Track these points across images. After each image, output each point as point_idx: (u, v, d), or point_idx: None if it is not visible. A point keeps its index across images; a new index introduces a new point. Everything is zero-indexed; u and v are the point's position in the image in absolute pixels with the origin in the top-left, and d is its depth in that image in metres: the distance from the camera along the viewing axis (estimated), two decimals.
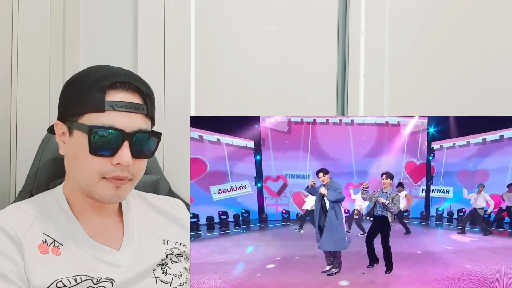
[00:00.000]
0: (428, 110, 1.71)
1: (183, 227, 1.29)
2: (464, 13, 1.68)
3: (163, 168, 1.60)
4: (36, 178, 1.32)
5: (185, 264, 1.23)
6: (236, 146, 3.39)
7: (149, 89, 1.14)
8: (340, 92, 1.71)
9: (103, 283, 1.07)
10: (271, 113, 1.74)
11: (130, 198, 1.25)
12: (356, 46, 1.68)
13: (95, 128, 1.05)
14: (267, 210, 3.55)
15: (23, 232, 1.05)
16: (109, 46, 1.67)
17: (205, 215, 3.22)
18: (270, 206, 3.56)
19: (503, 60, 1.68)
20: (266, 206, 3.54)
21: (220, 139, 3.31)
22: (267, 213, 3.53)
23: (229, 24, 1.69)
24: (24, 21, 1.52)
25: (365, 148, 3.53)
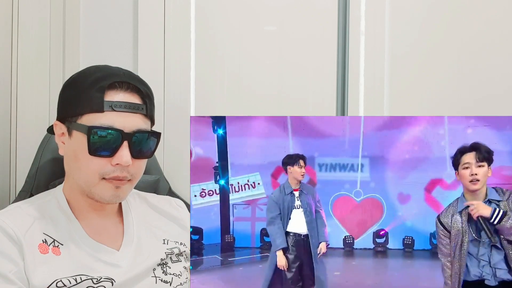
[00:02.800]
0: (429, 110, 1.71)
1: (183, 227, 1.29)
2: (464, 13, 1.68)
3: (163, 168, 1.60)
4: (36, 178, 1.32)
5: (185, 263, 1.24)
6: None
7: (148, 89, 1.14)
8: (340, 92, 1.71)
9: (103, 283, 1.07)
10: (271, 113, 1.74)
11: (130, 198, 1.25)
12: (356, 46, 1.68)
13: (94, 129, 1.05)
14: (235, 229, 2.20)
15: (23, 232, 1.05)
16: (109, 46, 1.67)
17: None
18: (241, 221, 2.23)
19: (503, 60, 1.67)
20: (232, 222, 2.20)
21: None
22: (233, 235, 2.18)
23: (229, 24, 1.69)
24: (24, 21, 1.53)
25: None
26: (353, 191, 2.41)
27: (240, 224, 2.23)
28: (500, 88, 1.68)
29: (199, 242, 2.03)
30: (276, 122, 2.04)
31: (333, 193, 2.31)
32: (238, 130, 2.18)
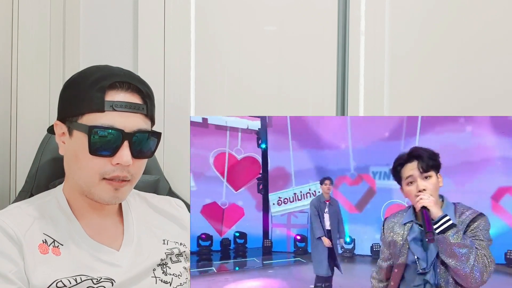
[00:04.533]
0: (428, 110, 1.71)
1: (183, 227, 1.29)
2: (464, 13, 1.68)
3: (163, 168, 1.60)
4: (36, 178, 1.32)
5: (185, 264, 1.23)
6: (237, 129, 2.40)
7: (148, 89, 1.14)
8: (340, 92, 1.71)
9: (103, 283, 1.07)
10: (271, 113, 1.74)
11: (130, 198, 1.25)
12: (356, 46, 1.68)
13: (95, 128, 1.05)
14: (273, 234, 2.38)
15: (23, 232, 1.05)
16: (109, 46, 1.67)
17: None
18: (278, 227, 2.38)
19: (503, 60, 1.67)
20: (271, 228, 2.39)
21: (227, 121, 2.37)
22: (271, 239, 2.37)
23: (229, 24, 1.69)
24: (24, 21, 1.53)
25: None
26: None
27: (277, 230, 2.39)
28: (500, 88, 1.68)
29: (244, 246, 2.26)
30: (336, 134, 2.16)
31: (386, 201, 2.24)
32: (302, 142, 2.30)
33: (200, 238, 2.25)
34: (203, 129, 2.34)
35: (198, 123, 2.27)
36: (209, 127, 2.35)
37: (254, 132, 2.40)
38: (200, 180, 2.34)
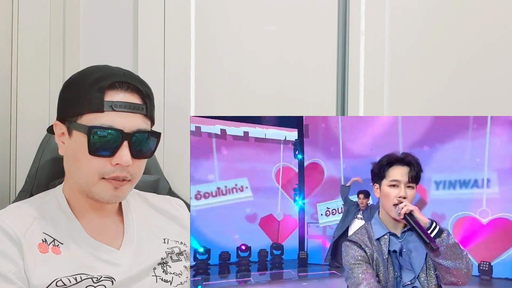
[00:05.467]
0: (428, 110, 1.71)
1: (184, 226, 1.30)
2: (464, 13, 1.68)
3: (163, 168, 1.60)
4: (36, 178, 1.32)
5: (186, 263, 1.24)
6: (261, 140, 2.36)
7: (148, 89, 1.14)
8: (340, 92, 1.71)
9: (103, 282, 1.07)
10: (271, 113, 1.73)
11: (130, 197, 1.25)
12: (356, 46, 1.68)
13: (94, 129, 1.05)
14: (309, 245, 2.24)
15: (23, 232, 1.05)
16: (109, 46, 1.67)
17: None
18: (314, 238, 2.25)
19: (503, 60, 1.67)
20: (306, 239, 2.28)
21: (249, 132, 2.35)
22: (307, 251, 2.26)
23: (229, 24, 1.69)
24: (24, 21, 1.53)
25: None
26: (478, 210, 2.07)
27: (313, 241, 2.31)
28: (500, 88, 1.68)
29: (280, 257, 2.17)
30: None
31: (453, 214, 2.10)
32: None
33: (240, 249, 2.19)
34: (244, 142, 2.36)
35: (240, 137, 2.31)
36: (250, 140, 2.37)
37: (291, 143, 2.42)
38: (258, 193, 2.34)
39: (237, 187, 2.28)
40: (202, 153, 2.21)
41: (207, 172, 2.25)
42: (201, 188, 2.24)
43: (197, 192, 2.21)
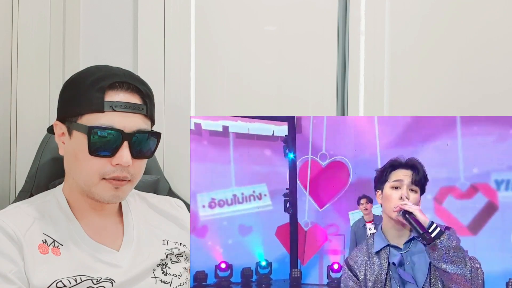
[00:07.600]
0: (428, 110, 1.71)
1: (183, 227, 1.29)
2: (464, 13, 1.68)
3: (163, 168, 1.60)
4: (36, 178, 1.31)
5: (185, 264, 1.24)
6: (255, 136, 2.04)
7: (148, 89, 1.14)
8: (340, 92, 1.71)
9: (103, 283, 1.07)
10: (271, 113, 1.73)
11: (130, 198, 1.25)
12: (356, 46, 1.68)
13: (94, 129, 1.05)
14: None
15: (23, 232, 1.05)
16: (109, 46, 1.66)
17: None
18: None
19: (503, 60, 1.67)
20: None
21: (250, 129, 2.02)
22: (301, 269, 1.87)
23: (229, 24, 1.69)
24: (24, 21, 1.52)
25: None
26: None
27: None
28: (500, 88, 1.68)
29: (268, 277, 1.87)
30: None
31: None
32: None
33: (218, 268, 1.84)
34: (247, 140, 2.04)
35: (242, 134, 2.00)
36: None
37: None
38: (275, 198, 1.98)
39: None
40: (202, 153, 1.98)
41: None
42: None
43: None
